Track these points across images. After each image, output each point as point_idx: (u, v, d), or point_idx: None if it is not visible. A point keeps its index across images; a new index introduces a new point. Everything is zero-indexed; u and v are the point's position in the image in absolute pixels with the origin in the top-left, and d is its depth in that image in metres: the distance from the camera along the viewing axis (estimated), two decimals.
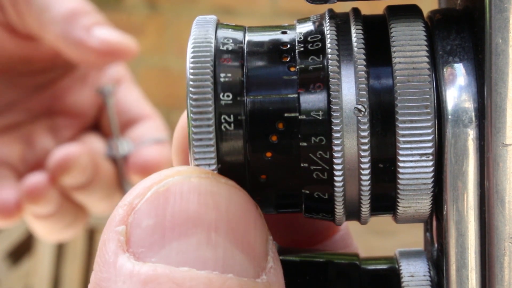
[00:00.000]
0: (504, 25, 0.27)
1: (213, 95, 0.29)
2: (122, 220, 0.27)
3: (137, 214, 0.27)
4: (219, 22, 0.31)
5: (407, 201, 0.29)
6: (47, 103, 0.70)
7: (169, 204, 0.27)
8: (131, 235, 0.27)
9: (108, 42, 0.65)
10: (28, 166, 0.68)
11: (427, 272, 0.31)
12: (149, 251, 0.27)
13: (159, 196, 0.27)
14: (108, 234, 0.27)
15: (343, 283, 0.32)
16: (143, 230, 0.27)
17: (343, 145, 0.28)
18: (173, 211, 0.27)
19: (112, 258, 0.27)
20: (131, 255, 0.27)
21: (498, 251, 0.28)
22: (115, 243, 0.27)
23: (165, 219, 0.27)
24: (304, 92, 0.29)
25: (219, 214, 0.27)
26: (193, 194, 0.27)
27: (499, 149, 0.28)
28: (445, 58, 0.29)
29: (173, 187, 0.27)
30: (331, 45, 0.29)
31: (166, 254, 0.26)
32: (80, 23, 0.64)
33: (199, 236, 0.27)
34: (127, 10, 2.06)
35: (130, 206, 0.27)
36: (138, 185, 0.28)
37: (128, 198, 0.28)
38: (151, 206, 0.27)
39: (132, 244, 0.27)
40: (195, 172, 0.28)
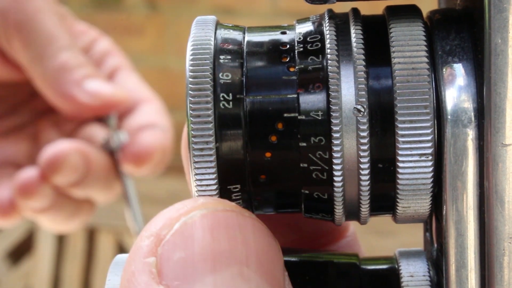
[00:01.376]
0: (503, 25, 0.27)
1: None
2: (151, 252, 0.27)
3: (166, 246, 0.27)
4: (219, 22, 0.31)
5: (407, 201, 0.29)
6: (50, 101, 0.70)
7: (199, 238, 0.27)
8: (163, 267, 0.27)
9: (99, 96, 0.65)
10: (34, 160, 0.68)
11: (426, 272, 0.31)
12: (185, 284, 0.27)
13: (188, 228, 0.27)
14: (137, 266, 0.27)
15: (343, 283, 0.32)
16: (175, 263, 0.27)
17: (343, 145, 0.28)
18: (204, 245, 0.27)
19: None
20: (165, 287, 0.27)
21: (497, 251, 0.28)
22: (147, 275, 0.27)
23: (197, 252, 0.27)
24: (304, 92, 0.29)
25: (248, 248, 0.27)
26: (221, 228, 0.27)
27: (498, 149, 0.28)
28: (445, 58, 0.29)
29: (200, 220, 0.27)
30: (331, 46, 0.29)
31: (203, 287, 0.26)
32: (71, 77, 0.64)
33: (232, 270, 0.27)
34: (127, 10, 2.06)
35: (157, 238, 0.27)
36: (163, 215, 0.28)
37: (154, 228, 0.28)
38: (181, 239, 0.27)
39: (165, 276, 0.27)
40: (221, 205, 0.28)
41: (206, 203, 0.28)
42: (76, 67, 0.65)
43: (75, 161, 0.64)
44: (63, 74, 0.64)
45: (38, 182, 0.64)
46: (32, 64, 0.64)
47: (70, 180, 0.64)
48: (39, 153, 0.67)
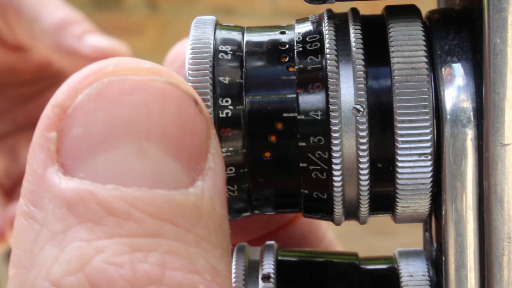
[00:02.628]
0: (502, 25, 0.27)
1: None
2: (53, 125, 0.25)
3: (67, 120, 0.25)
4: (218, 22, 0.31)
5: (406, 201, 0.29)
6: (32, 115, 0.69)
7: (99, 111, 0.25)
8: (62, 143, 0.25)
9: (100, 49, 0.65)
10: (12, 180, 0.67)
11: (426, 272, 0.31)
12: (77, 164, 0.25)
13: (90, 100, 0.25)
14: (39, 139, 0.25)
15: (342, 283, 0.32)
16: (72, 140, 0.25)
17: (342, 145, 0.28)
18: (103, 119, 0.25)
19: (41, 169, 0.25)
20: (60, 166, 0.25)
21: (496, 250, 0.28)
22: (45, 152, 0.25)
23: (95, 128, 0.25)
24: (303, 92, 0.29)
25: (151, 119, 0.25)
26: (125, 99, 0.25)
27: (497, 149, 0.28)
28: (444, 58, 0.29)
29: (104, 90, 0.25)
30: (330, 45, 0.29)
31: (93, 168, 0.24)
32: (71, 32, 0.64)
33: (129, 146, 0.24)
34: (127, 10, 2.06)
35: (61, 109, 0.25)
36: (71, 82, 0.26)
37: (60, 97, 0.26)
38: (81, 112, 0.25)
39: (61, 154, 0.25)
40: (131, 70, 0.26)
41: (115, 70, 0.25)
42: (75, 23, 0.65)
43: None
44: (64, 30, 0.64)
45: None
46: (31, 28, 0.64)
47: None
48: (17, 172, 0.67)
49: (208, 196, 0.25)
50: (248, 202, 0.30)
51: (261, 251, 0.32)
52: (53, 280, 0.24)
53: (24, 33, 0.65)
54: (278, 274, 0.31)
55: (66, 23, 0.64)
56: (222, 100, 0.29)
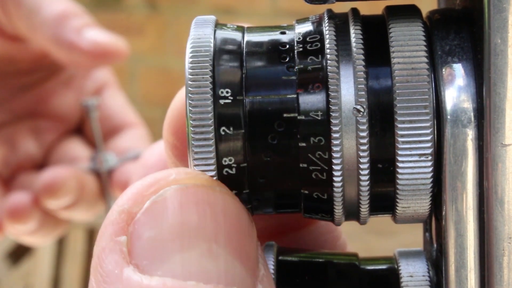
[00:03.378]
0: (503, 25, 0.27)
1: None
2: (122, 230, 0.27)
3: (137, 224, 0.27)
4: (218, 22, 0.31)
5: (406, 201, 0.29)
6: (30, 104, 0.69)
7: (168, 216, 0.27)
8: (133, 246, 0.27)
9: (99, 43, 0.65)
10: (10, 169, 0.67)
11: (426, 272, 0.31)
12: (152, 264, 0.27)
13: (158, 206, 0.27)
14: (108, 243, 0.27)
15: (342, 283, 0.32)
16: (145, 242, 0.27)
17: (342, 145, 0.28)
18: (173, 223, 0.27)
19: (117, 270, 0.27)
20: (134, 267, 0.27)
21: (497, 251, 0.28)
22: (119, 254, 0.27)
23: (166, 231, 0.27)
24: (303, 92, 0.29)
25: (217, 224, 0.27)
26: (191, 205, 0.27)
27: (498, 149, 0.28)
28: (444, 58, 0.29)
29: (170, 197, 0.27)
30: (330, 46, 0.29)
31: (170, 267, 0.26)
32: (70, 25, 0.64)
33: (200, 248, 0.27)
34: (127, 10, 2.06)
35: (129, 215, 0.28)
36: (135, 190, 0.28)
37: (126, 205, 0.28)
38: (150, 217, 0.27)
39: (135, 256, 0.27)
40: (191, 180, 0.28)
41: (177, 179, 0.28)
42: (74, 16, 0.65)
43: (72, 186, 0.64)
44: (63, 22, 0.64)
45: (30, 207, 0.63)
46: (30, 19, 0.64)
47: (63, 205, 0.64)
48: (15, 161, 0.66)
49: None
50: (248, 203, 0.30)
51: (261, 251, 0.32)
52: None
53: (23, 24, 0.64)
54: (278, 274, 0.31)
55: (65, 15, 0.64)
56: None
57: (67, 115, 0.70)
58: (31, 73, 0.69)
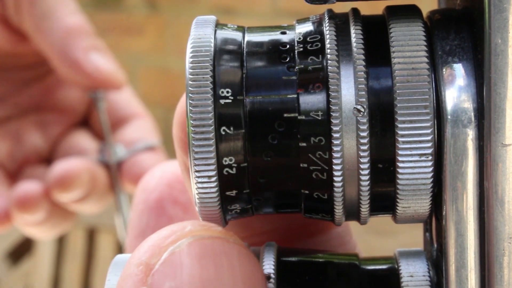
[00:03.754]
0: (503, 25, 0.27)
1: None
2: (141, 281, 0.28)
3: (156, 276, 0.28)
4: (219, 22, 0.31)
5: (407, 201, 0.29)
6: (35, 98, 0.69)
7: (187, 267, 0.28)
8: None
9: (101, 70, 0.65)
10: (16, 163, 0.67)
11: (426, 272, 0.31)
12: None
13: (176, 258, 0.28)
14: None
15: (342, 283, 0.32)
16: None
17: (343, 145, 0.28)
18: (191, 274, 0.27)
19: None
20: None
21: (497, 251, 0.28)
22: None
23: (186, 282, 0.27)
24: (304, 92, 0.29)
25: (234, 275, 0.28)
26: (209, 256, 0.28)
27: (498, 149, 0.28)
28: (445, 58, 0.29)
29: (188, 249, 0.28)
30: (331, 46, 0.29)
31: None
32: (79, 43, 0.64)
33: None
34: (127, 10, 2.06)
35: (147, 267, 0.28)
36: (151, 242, 0.28)
37: (143, 257, 0.28)
38: (169, 268, 0.28)
39: None
40: (207, 232, 0.29)
41: (193, 230, 0.29)
42: (84, 34, 0.64)
43: (84, 180, 0.63)
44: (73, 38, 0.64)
45: (39, 197, 0.63)
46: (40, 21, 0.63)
47: (75, 198, 0.64)
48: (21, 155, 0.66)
49: None
50: (248, 202, 0.30)
51: (262, 251, 0.32)
52: None
53: (32, 23, 0.64)
54: (278, 274, 0.31)
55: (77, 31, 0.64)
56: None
57: (72, 108, 0.70)
58: (35, 66, 0.69)
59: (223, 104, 0.29)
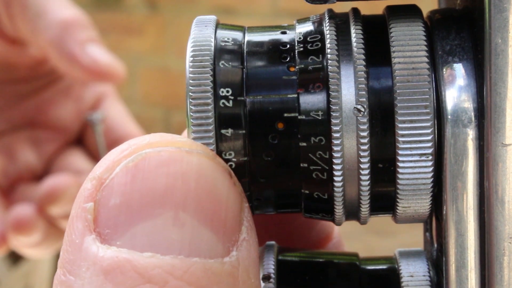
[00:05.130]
0: (503, 25, 0.27)
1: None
2: (90, 196, 0.26)
3: (105, 191, 0.26)
4: (219, 22, 0.31)
5: (407, 201, 0.29)
6: (29, 113, 0.68)
7: (136, 181, 0.26)
8: (99, 213, 0.26)
9: (98, 62, 0.64)
10: (9, 179, 0.67)
11: (426, 272, 0.31)
12: (114, 233, 0.25)
13: (128, 171, 0.26)
14: (77, 210, 0.26)
15: (342, 283, 0.32)
16: (110, 210, 0.26)
17: (343, 145, 0.28)
18: (140, 189, 0.26)
19: (79, 239, 0.26)
20: (97, 236, 0.25)
21: (497, 251, 0.28)
22: (82, 222, 0.26)
23: (132, 198, 0.26)
24: (304, 92, 0.29)
25: (187, 190, 0.26)
26: (162, 170, 0.26)
27: (498, 149, 0.28)
28: (445, 58, 0.29)
29: (141, 162, 0.26)
30: (331, 45, 0.29)
31: (131, 237, 0.25)
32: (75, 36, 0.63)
33: (165, 216, 0.25)
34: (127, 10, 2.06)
35: (99, 181, 0.26)
36: (109, 156, 0.27)
37: (98, 171, 0.26)
38: (119, 183, 0.26)
39: (99, 223, 0.26)
40: (167, 143, 0.27)
41: (151, 142, 0.26)
42: (80, 27, 0.64)
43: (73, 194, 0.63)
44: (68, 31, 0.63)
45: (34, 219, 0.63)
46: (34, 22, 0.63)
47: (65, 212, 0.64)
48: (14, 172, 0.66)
49: (243, 266, 0.26)
50: (249, 202, 0.30)
51: (262, 251, 0.32)
52: None
53: (27, 27, 0.64)
54: (278, 274, 0.31)
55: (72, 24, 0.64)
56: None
57: (66, 126, 0.69)
58: (29, 81, 0.68)
59: (223, 104, 0.29)
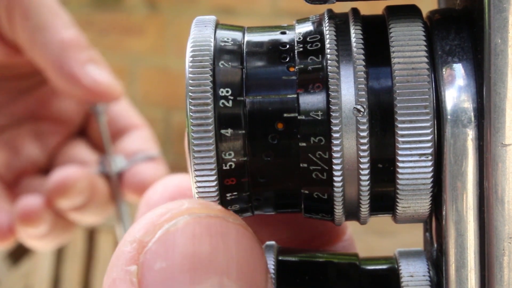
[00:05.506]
0: (503, 25, 0.27)
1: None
2: (132, 259, 0.27)
3: (148, 254, 0.27)
4: (218, 22, 0.31)
5: (407, 201, 0.29)
6: (31, 107, 0.69)
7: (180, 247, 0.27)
8: (143, 277, 0.26)
9: (98, 83, 0.65)
10: (13, 173, 0.67)
11: (426, 272, 0.31)
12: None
13: (170, 236, 0.27)
14: (119, 273, 0.27)
15: (342, 283, 0.32)
16: (156, 273, 0.26)
17: (342, 145, 0.28)
18: (185, 254, 0.26)
19: None
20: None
21: (497, 251, 0.28)
22: (128, 284, 0.26)
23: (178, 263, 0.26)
24: (303, 92, 0.29)
25: (230, 257, 0.27)
26: (204, 236, 0.27)
27: (498, 149, 0.28)
28: (444, 58, 0.29)
29: (183, 227, 0.27)
30: (330, 46, 0.29)
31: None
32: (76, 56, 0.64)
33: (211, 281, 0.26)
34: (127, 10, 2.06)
35: (140, 244, 0.27)
36: (146, 220, 0.27)
37: (137, 234, 0.27)
38: (163, 247, 0.27)
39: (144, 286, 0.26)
40: (205, 210, 0.28)
41: (190, 208, 0.27)
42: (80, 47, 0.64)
43: (83, 186, 0.63)
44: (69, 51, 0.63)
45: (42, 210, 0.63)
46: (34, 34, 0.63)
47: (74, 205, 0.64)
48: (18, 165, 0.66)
49: None
50: (248, 202, 0.30)
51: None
52: None
53: (26, 37, 0.64)
54: (278, 274, 0.31)
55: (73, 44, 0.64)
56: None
57: (69, 118, 0.70)
58: (30, 76, 0.69)
59: (223, 104, 0.29)
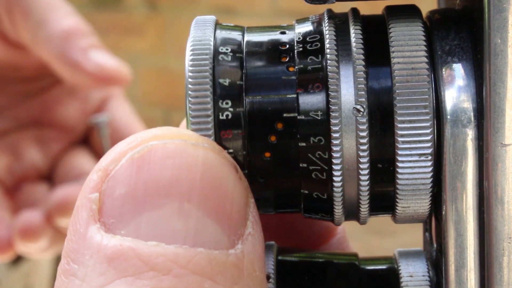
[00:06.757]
0: (503, 25, 0.27)
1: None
2: (95, 187, 0.26)
3: (110, 181, 0.26)
4: (218, 22, 0.31)
5: (406, 201, 0.29)
6: (35, 112, 0.68)
7: (142, 172, 0.26)
8: (104, 204, 0.26)
9: (104, 66, 0.64)
10: (15, 178, 0.67)
11: (426, 272, 0.31)
12: (119, 223, 0.26)
13: (133, 163, 0.26)
14: (82, 200, 0.26)
15: (342, 283, 0.32)
16: (115, 200, 0.26)
17: (342, 145, 0.28)
18: (145, 180, 0.26)
19: (83, 228, 0.26)
20: (102, 225, 0.26)
21: (497, 251, 0.28)
22: (87, 212, 0.26)
23: (137, 189, 0.26)
24: (303, 92, 0.29)
25: (193, 182, 0.26)
26: (168, 161, 0.26)
27: (498, 149, 0.28)
28: (444, 58, 0.29)
29: (147, 153, 0.26)
30: (330, 45, 0.29)
31: (135, 226, 0.25)
32: (77, 44, 0.63)
33: (170, 206, 0.25)
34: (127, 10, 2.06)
35: (104, 172, 0.26)
36: (115, 149, 0.27)
37: (104, 162, 0.27)
38: (124, 174, 0.26)
39: (104, 213, 0.26)
40: (172, 136, 0.27)
41: (157, 135, 0.27)
42: (82, 35, 0.64)
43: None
44: (70, 40, 0.63)
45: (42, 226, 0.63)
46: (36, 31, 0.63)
47: None
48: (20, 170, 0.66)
49: (248, 259, 0.26)
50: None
51: None
52: None
53: (28, 35, 0.64)
54: (278, 274, 0.31)
55: (73, 33, 0.64)
56: (222, 102, 0.29)
57: (72, 125, 0.69)
58: (35, 80, 0.68)
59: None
